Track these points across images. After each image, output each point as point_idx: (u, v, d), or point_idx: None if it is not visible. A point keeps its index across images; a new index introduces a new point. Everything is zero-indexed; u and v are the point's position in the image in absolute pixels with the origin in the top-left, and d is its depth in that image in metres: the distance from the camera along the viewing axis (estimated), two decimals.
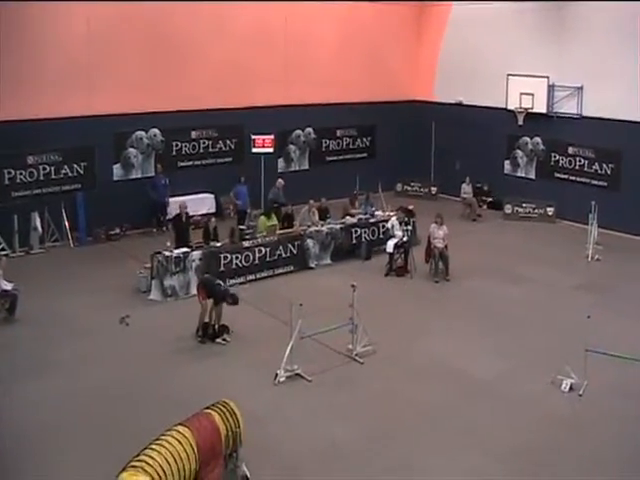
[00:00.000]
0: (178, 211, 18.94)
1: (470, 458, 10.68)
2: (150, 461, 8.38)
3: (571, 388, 12.65)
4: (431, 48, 28.78)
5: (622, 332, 15.01)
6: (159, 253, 17.03)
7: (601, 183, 24.14)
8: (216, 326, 14.64)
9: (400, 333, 14.66)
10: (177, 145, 23.10)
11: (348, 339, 13.83)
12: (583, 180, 24.67)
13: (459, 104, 27.76)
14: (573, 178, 24.99)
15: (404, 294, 17.64)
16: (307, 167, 26.52)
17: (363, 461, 10.55)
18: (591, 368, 12.51)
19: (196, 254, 17.34)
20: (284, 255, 18.84)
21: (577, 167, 24.87)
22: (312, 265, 19.42)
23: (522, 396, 12.53)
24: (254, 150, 23.67)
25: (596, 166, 24.30)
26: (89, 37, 20.45)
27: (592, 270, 19.78)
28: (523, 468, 10.46)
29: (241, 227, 20.02)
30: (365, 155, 28.16)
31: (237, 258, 17.90)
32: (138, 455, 8.47)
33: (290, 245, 18.99)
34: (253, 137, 23.57)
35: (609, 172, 23.93)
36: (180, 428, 9.03)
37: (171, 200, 21.74)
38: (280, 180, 22.58)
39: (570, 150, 25.04)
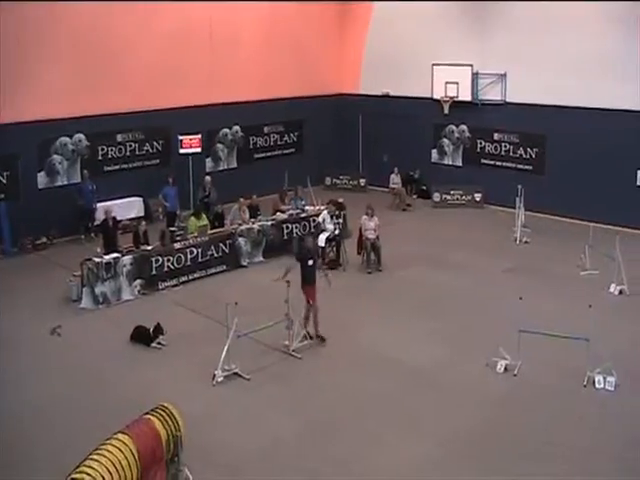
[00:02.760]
0: (104, 217, 18.64)
1: (413, 445, 10.82)
2: (91, 472, 8.25)
3: (506, 369, 12.93)
4: (356, 41, 28.92)
5: (553, 312, 15.37)
6: (89, 260, 16.76)
7: (526, 167, 24.70)
8: (311, 331, 14.47)
9: (336, 326, 14.72)
10: (103, 149, 22.70)
11: (285, 335, 13.85)
12: (509, 165, 25.20)
13: (386, 96, 27.97)
14: (499, 163, 25.48)
15: (338, 287, 17.68)
16: (235, 165, 26.38)
17: (307, 456, 10.60)
18: (525, 348, 12.78)
19: (127, 259, 17.12)
20: (216, 255, 18.74)
21: (503, 152, 25.37)
22: (244, 263, 19.36)
23: (460, 380, 12.74)
24: (182, 151, 23.53)
25: (521, 151, 24.84)
26: (10, 40, 19.91)
27: (521, 253, 20.20)
28: (464, 451, 10.66)
29: (171, 229, 19.83)
30: (293, 150, 28.16)
31: (169, 260, 17.73)
32: (78, 466, 8.33)
33: (222, 244, 18.89)
34: (180, 138, 23.41)
35: (534, 156, 24.48)
36: (120, 436, 8.92)
37: (99, 206, 21.39)
38: (207, 177, 22.45)
39: (495, 136, 25.52)
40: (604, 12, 22.01)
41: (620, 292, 16.92)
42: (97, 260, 16.74)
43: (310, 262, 14.31)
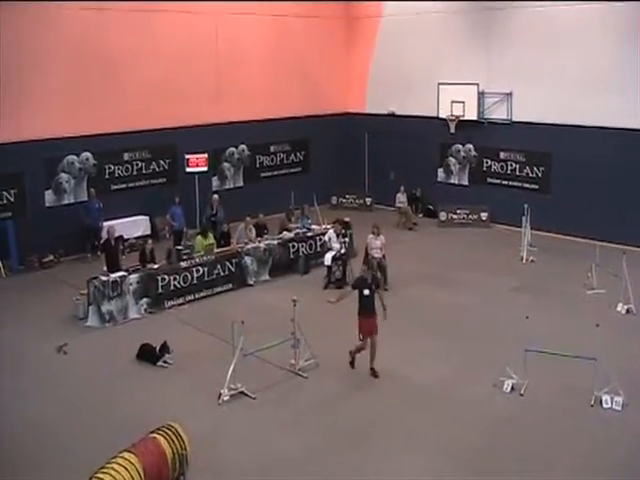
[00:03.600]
0: (107, 236, 18.70)
1: (419, 462, 10.78)
2: None
3: (512, 388, 12.87)
4: (362, 60, 29.06)
5: (560, 331, 15.31)
6: (95, 278, 16.79)
7: (532, 186, 24.69)
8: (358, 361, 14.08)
9: (342, 345, 14.66)
10: (110, 168, 22.80)
11: (291, 354, 13.82)
12: (515, 184, 25.18)
13: (391, 115, 28.08)
14: (505, 182, 25.48)
15: (344, 306, 17.65)
16: (242, 184, 26.45)
17: (311, 474, 10.55)
18: (532, 368, 12.74)
19: (133, 277, 17.15)
20: (222, 274, 18.75)
21: (509, 171, 25.37)
22: (251, 282, 19.36)
23: (466, 399, 12.70)
24: (188, 170, 23.60)
25: (527, 170, 24.84)
26: (15, 59, 20.07)
27: (527, 271, 20.16)
28: (471, 469, 10.60)
29: (178, 247, 19.84)
30: (299, 169, 28.22)
31: (175, 279, 17.76)
32: None
33: (228, 263, 18.91)
34: (187, 156, 23.50)
35: (540, 175, 24.49)
36: (126, 454, 8.94)
37: (105, 224, 21.42)
38: (215, 195, 22.51)
39: (502, 155, 25.53)
40: (611, 29, 22.07)
41: (627, 311, 16.86)
42: (104, 278, 16.77)
43: (366, 292, 13.70)
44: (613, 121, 22.05)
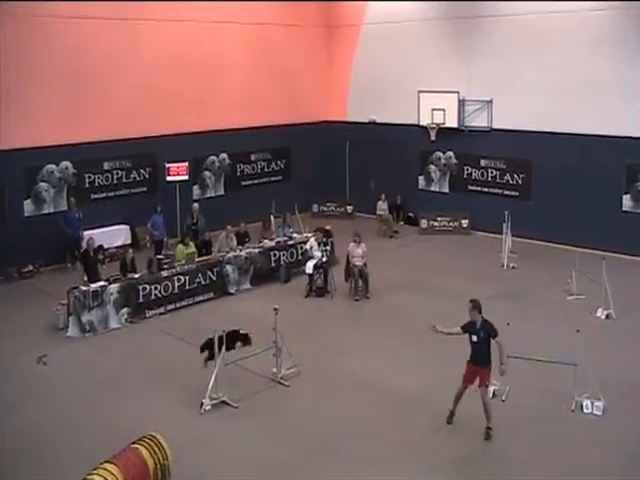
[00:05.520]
0: (86, 246, 18.59)
1: (402, 470, 10.77)
2: None
3: (494, 394, 12.89)
4: (343, 68, 29.11)
5: (541, 337, 15.38)
6: (75, 288, 16.70)
7: (513, 193, 24.84)
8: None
9: (324, 353, 14.71)
10: (90, 177, 22.67)
11: (272, 363, 13.80)
12: (495, 191, 25.32)
13: (372, 123, 28.15)
14: (486, 190, 25.61)
15: (326, 314, 17.72)
16: (223, 193, 26.41)
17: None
18: (513, 374, 12.73)
19: (114, 287, 17.07)
20: (203, 282, 18.70)
21: (489, 179, 25.51)
22: (232, 291, 19.32)
23: (448, 406, 12.68)
24: (169, 178, 23.52)
25: (507, 177, 24.99)
26: None
27: (508, 278, 20.26)
28: (456, 475, 10.60)
29: (159, 257, 19.78)
30: (280, 178, 28.20)
31: (156, 288, 17.69)
32: None
33: (209, 272, 18.87)
34: (167, 165, 23.43)
35: (520, 182, 24.64)
36: (107, 466, 8.88)
37: (85, 234, 21.29)
38: (195, 204, 22.47)
39: (482, 162, 25.66)
40: (591, 37, 22.27)
41: (607, 316, 16.97)
42: (84, 288, 16.69)
43: (474, 338, 11.87)
44: (593, 128, 22.23)
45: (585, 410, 12.45)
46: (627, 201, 22.41)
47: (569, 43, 22.72)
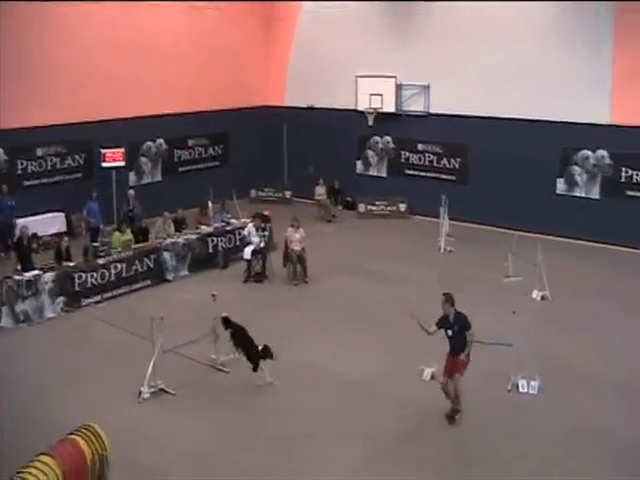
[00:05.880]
0: (19, 235, 18.22)
1: (342, 453, 10.82)
2: None
3: (432, 377, 13.03)
4: (281, 53, 28.91)
5: (478, 318, 15.38)
6: (9, 278, 16.34)
7: (450, 177, 25.14)
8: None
9: (264, 339, 14.61)
10: (22, 164, 22.14)
11: (211, 349, 13.72)
12: (433, 175, 25.56)
13: (310, 108, 28.08)
14: (423, 174, 25.83)
15: (264, 300, 17.67)
16: (160, 179, 26.08)
17: (233, 469, 10.51)
18: None
19: (49, 276, 16.74)
20: (140, 270, 18.46)
21: (427, 163, 25.74)
22: (170, 278, 19.13)
23: (388, 389, 12.81)
24: (104, 165, 23.11)
25: (444, 161, 25.28)
26: None
27: (445, 261, 20.49)
28: (395, 458, 10.70)
29: (95, 244, 19.50)
30: (218, 163, 27.96)
31: (92, 277, 17.40)
32: None
33: (146, 259, 18.64)
34: (103, 151, 23.01)
35: (457, 166, 24.92)
36: (43, 458, 8.70)
37: (19, 222, 20.81)
38: (131, 191, 22.18)
39: (419, 147, 25.89)
40: (527, 23, 22.63)
41: (542, 298, 17.32)
42: (17, 278, 16.34)
43: (449, 332, 11.88)
44: (528, 113, 22.60)
45: (521, 389, 12.71)
46: (561, 184, 22.90)
47: (506, 28, 23.00)
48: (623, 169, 21.97)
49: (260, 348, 13.24)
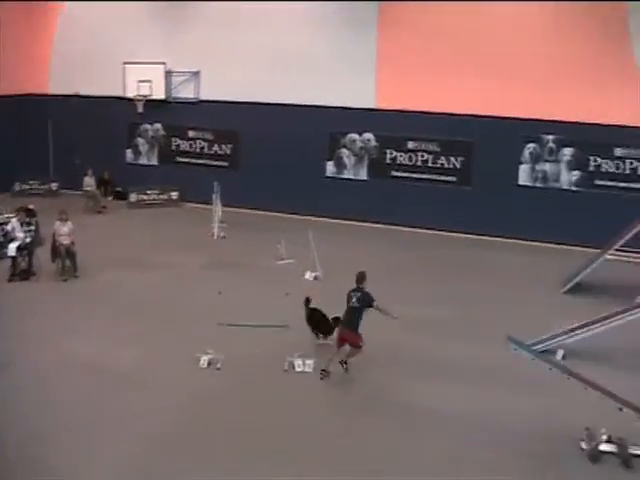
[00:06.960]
0: None
1: (116, 449, 10.42)
2: None
3: (209, 364, 12.90)
4: (44, 37, 27.37)
5: (253, 303, 15.63)
6: None
7: (222, 163, 25.25)
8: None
9: (35, 338, 13.90)
10: None
11: None
12: (205, 162, 25.50)
13: (76, 95, 26.91)
14: (195, 161, 25.69)
15: (32, 298, 16.76)
16: None
17: None
18: (227, 341, 12.93)
19: None
20: None
21: (198, 150, 25.72)
22: None
23: (166, 380, 12.48)
24: None
25: (216, 147, 25.30)
26: None
27: (219, 247, 20.53)
28: (175, 450, 10.44)
29: None
30: None
31: None
32: None
33: None
34: None
35: (229, 152, 25.15)
36: None
37: None
38: None
39: (190, 134, 25.81)
40: (299, 9, 23.00)
41: (315, 278, 17.71)
42: None
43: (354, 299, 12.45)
44: (296, 98, 23.24)
45: (297, 369, 12.87)
46: (330, 167, 23.62)
47: (278, 14, 23.35)
48: (388, 151, 23.04)
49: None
